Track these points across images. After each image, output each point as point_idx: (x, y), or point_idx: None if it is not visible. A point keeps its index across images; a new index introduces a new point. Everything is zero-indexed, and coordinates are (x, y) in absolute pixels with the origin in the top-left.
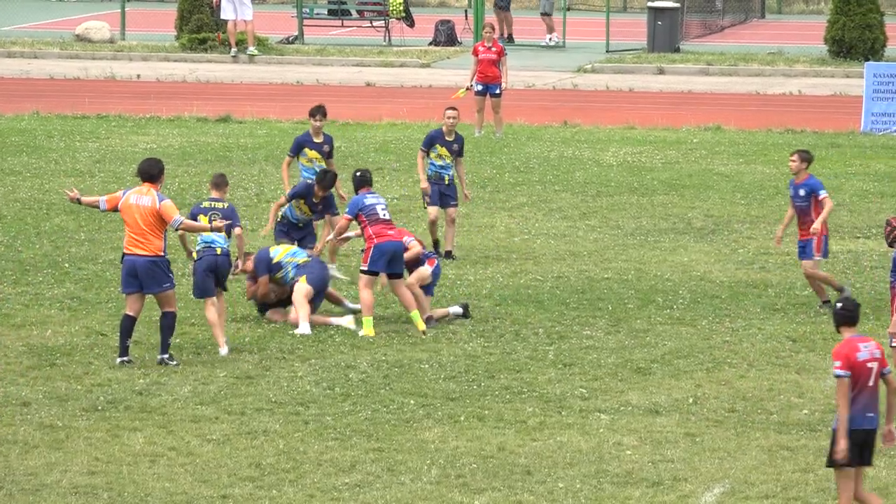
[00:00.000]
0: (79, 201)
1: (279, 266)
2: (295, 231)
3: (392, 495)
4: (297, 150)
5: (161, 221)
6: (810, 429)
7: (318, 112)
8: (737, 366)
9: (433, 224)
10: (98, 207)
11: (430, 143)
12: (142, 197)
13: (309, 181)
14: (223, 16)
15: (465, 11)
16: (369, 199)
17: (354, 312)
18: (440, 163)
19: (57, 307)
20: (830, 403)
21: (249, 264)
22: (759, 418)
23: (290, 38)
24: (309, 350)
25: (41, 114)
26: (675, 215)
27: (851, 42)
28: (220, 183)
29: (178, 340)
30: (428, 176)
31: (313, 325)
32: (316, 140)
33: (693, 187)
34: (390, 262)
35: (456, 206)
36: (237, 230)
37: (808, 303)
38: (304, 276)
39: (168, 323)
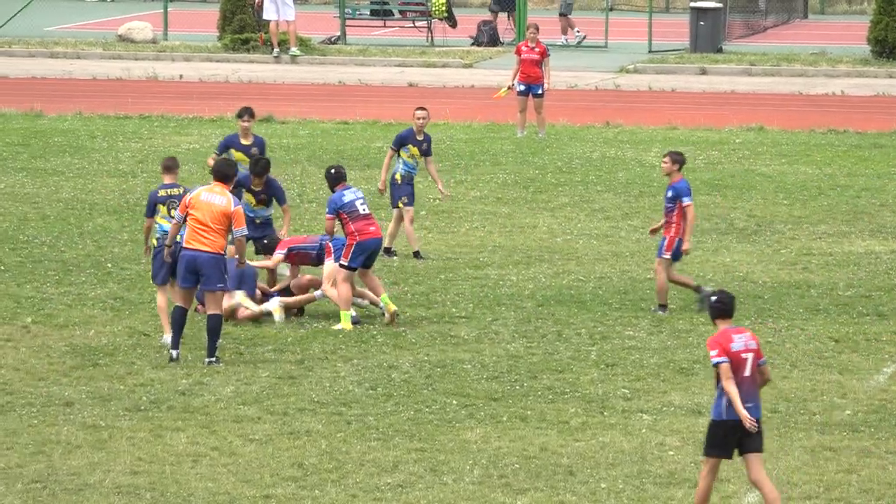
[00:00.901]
0: (171, 245)
1: None
2: (253, 228)
3: (434, 495)
4: (223, 149)
5: (229, 223)
6: (853, 429)
7: (246, 113)
8: (779, 366)
9: (411, 222)
10: (179, 224)
11: (400, 142)
12: (215, 195)
13: (247, 171)
14: (265, 16)
15: (508, 12)
16: (347, 196)
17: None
18: (412, 162)
19: (100, 307)
20: (874, 404)
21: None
22: (802, 419)
23: (333, 39)
24: (351, 350)
25: (84, 114)
26: (718, 216)
27: (895, 42)
28: (171, 166)
29: (220, 340)
30: (402, 176)
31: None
32: (244, 142)
33: (735, 188)
34: (368, 258)
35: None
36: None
37: (850, 303)
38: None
39: (214, 325)
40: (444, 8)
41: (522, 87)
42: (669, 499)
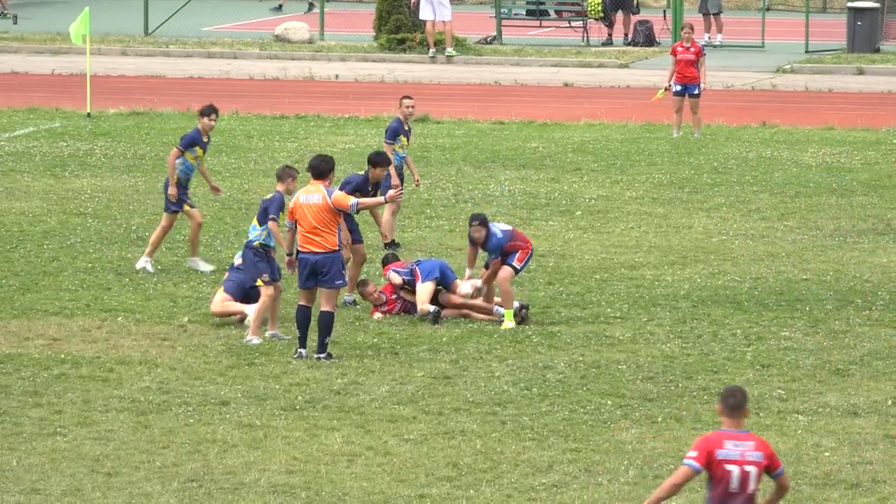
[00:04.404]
0: (291, 254)
1: None
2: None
3: (589, 496)
4: (189, 144)
5: (334, 216)
6: None
7: (214, 112)
8: None
9: (394, 216)
10: (293, 231)
11: (394, 134)
12: (311, 195)
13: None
14: (422, 16)
15: (664, 11)
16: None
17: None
18: (402, 153)
19: None
20: None
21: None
22: None
23: (489, 39)
24: (506, 350)
25: (240, 114)
26: (875, 216)
27: None
28: (281, 175)
29: (374, 340)
30: (395, 167)
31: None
32: (204, 139)
33: (893, 188)
34: None
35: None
36: (270, 223)
37: None
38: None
39: (327, 321)
40: (599, 8)
41: (678, 88)
42: (825, 500)
